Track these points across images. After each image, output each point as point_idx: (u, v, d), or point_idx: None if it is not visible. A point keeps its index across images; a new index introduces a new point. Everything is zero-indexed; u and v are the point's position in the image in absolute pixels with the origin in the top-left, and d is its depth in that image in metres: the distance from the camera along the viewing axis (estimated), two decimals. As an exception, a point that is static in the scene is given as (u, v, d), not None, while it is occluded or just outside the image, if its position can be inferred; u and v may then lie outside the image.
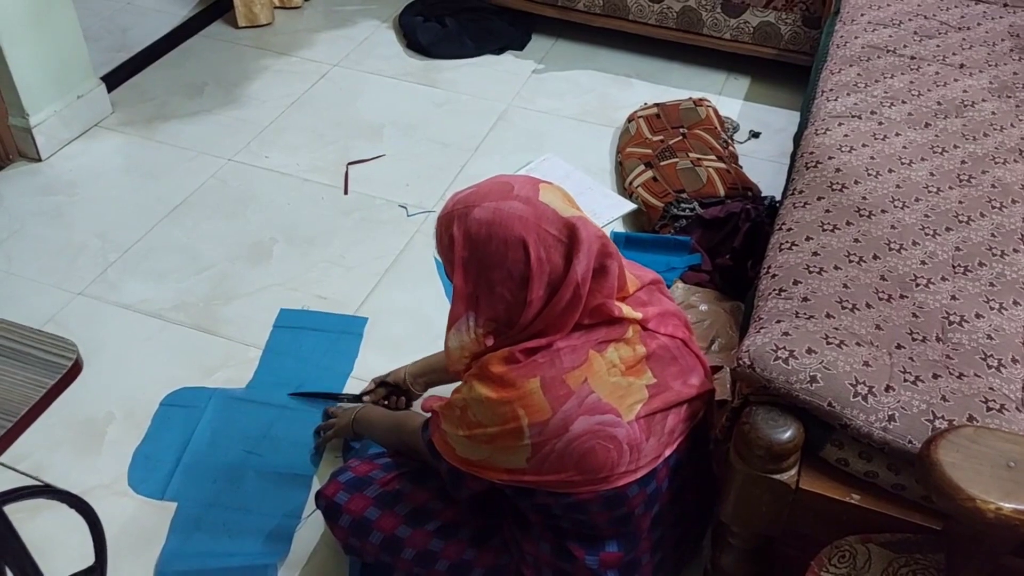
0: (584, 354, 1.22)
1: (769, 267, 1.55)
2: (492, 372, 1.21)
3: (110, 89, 2.74)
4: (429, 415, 1.37)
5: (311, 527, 1.67)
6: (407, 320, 2.10)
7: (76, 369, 0.93)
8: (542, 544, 1.36)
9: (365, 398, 1.80)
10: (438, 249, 1.27)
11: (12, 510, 1.60)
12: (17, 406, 0.89)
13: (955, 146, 1.83)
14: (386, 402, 1.79)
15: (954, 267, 1.52)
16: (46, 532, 1.59)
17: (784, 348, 1.29)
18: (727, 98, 2.94)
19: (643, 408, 1.25)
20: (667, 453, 1.31)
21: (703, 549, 1.55)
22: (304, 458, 1.78)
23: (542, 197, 1.22)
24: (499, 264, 1.19)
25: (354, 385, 1.92)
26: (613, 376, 1.24)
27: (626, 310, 1.27)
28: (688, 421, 1.34)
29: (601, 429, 1.21)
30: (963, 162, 1.78)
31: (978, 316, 1.41)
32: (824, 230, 1.60)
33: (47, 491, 1.09)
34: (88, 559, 1.42)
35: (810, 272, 1.49)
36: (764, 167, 2.60)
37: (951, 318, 1.41)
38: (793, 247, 1.57)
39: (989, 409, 1.23)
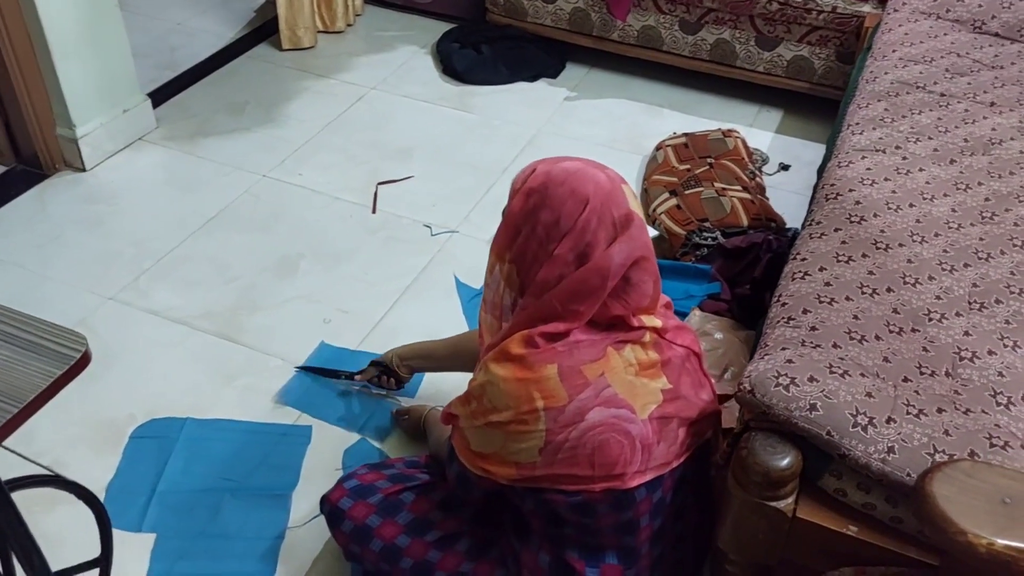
0: (603, 350, 1.25)
1: (780, 296, 1.55)
2: (511, 352, 1.24)
3: (156, 105, 2.84)
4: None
5: (313, 536, 1.69)
6: (424, 336, 2.11)
7: (84, 360, 0.97)
8: (541, 555, 1.36)
9: (357, 376, 1.93)
10: (515, 179, 1.33)
11: (29, 503, 1.66)
12: (25, 393, 0.93)
13: (979, 183, 1.81)
14: (377, 381, 1.89)
15: (970, 303, 1.50)
16: (61, 527, 1.64)
17: (786, 375, 1.28)
18: (759, 130, 2.94)
19: (656, 410, 1.27)
20: (675, 464, 1.31)
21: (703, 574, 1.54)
22: (280, 479, 1.79)
23: (623, 186, 1.29)
24: (554, 207, 1.23)
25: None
26: (629, 374, 1.26)
27: (645, 319, 1.30)
28: (696, 438, 1.35)
29: (616, 423, 1.23)
30: (987, 199, 1.77)
31: (991, 353, 1.40)
32: (839, 261, 1.59)
33: (55, 480, 1.12)
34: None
35: (820, 302, 1.48)
36: (791, 199, 2.59)
37: (962, 354, 1.39)
38: (806, 277, 1.57)
39: (993, 445, 1.21)
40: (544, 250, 1.24)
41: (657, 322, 1.31)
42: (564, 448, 1.22)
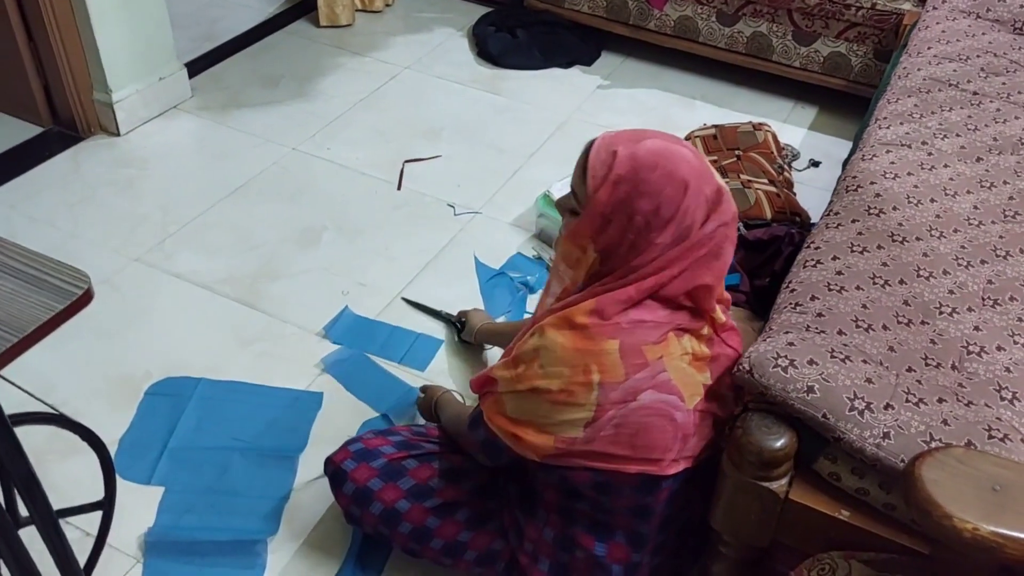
0: (664, 334, 1.24)
1: (790, 282, 1.54)
2: (575, 321, 1.21)
3: (192, 75, 2.89)
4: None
5: (316, 498, 1.71)
6: (440, 312, 2.15)
7: (86, 298, 0.99)
8: (546, 530, 1.37)
9: (458, 327, 2.06)
10: (584, 165, 1.23)
11: (41, 451, 1.70)
12: (26, 324, 0.95)
13: (1005, 182, 1.78)
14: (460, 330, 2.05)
15: (983, 299, 1.48)
16: (72, 475, 1.68)
17: (785, 357, 1.27)
18: (792, 126, 2.91)
19: (700, 403, 1.27)
20: (702, 458, 1.31)
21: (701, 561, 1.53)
22: (288, 441, 1.81)
23: (705, 159, 1.26)
24: (652, 194, 1.18)
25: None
26: (683, 362, 1.25)
27: (718, 309, 1.30)
28: (720, 438, 1.34)
29: (664, 408, 1.22)
30: (1011, 198, 1.73)
31: (1000, 348, 1.37)
32: (853, 251, 1.57)
33: (58, 419, 1.14)
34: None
35: (830, 290, 1.47)
36: (820, 196, 2.55)
37: (970, 348, 1.37)
38: (818, 265, 1.55)
39: (991, 437, 1.19)
40: (644, 239, 1.20)
41: (722, 317, 1.31)
42: (609, 425, 1.21)
